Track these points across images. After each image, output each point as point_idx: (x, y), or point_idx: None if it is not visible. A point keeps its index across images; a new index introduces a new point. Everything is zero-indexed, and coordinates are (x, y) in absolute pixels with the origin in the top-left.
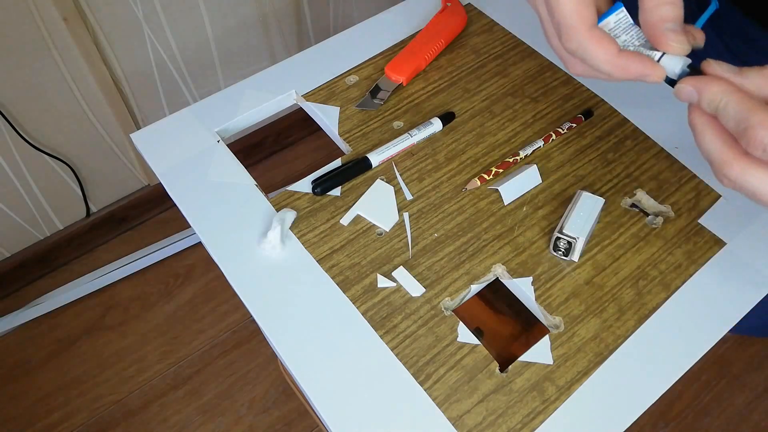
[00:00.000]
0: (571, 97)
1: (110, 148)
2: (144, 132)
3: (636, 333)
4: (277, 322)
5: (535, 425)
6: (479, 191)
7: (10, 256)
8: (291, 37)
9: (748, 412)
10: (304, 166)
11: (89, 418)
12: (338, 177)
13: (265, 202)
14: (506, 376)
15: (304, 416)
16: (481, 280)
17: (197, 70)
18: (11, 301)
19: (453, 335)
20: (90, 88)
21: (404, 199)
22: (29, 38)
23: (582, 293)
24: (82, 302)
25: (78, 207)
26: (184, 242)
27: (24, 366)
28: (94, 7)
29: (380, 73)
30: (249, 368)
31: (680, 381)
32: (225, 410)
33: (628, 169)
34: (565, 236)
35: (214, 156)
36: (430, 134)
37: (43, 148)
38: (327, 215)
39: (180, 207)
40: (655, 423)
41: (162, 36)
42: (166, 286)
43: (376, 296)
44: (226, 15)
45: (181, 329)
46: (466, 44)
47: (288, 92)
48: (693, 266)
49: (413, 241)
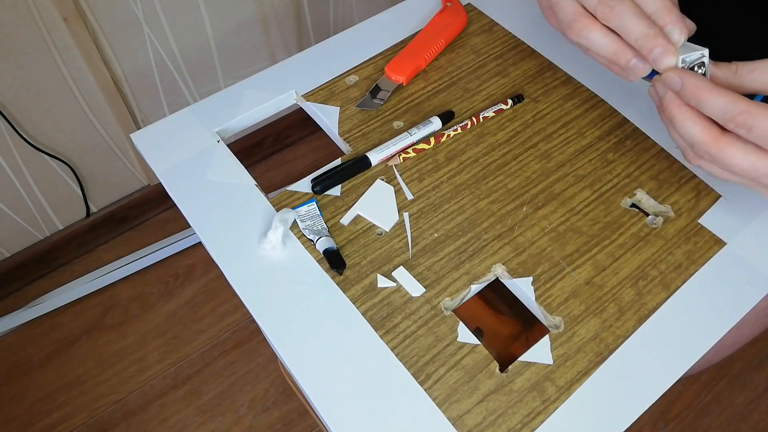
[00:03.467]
0: (571, 97)
1: (110, 148)
2: (144, 132)
3: (636, 333)
4: (277, 322)
5: (535, 425)
6: (479, 191)
7: (10, 256)
8: (291, 37)
9: (748, 412)
10: (304, 166)
11: (89, 418)
12: (337, 176)
13: (265, 202)
14: (506, 376)
15: (304, 416)
16: (481, 280)
17: (197, 70)
18: (11, 301)
19: (453, 335)
20: (90, 88)
21: (404, 199)
22: (29, 38)
23: (582, 293)
24: (82, 302)
25: (78, 207)
26: (184, 242)
27: (24, 366)
28: (94, 7)
29: (380, 73)
30: (249, 368)
31: (680, 381)
32: (225, 410)
33: (628, 169)
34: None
35: (214, 156)
36: (429, 133)
37: (43, 148)
38: (327, 215)
39: (180, 207)
40: (655, 423)
41: (162, 36)
42: (166, 286)
43: (376, 296)
44: (226, 15)
45: (181, 329)
46: (466, 44)
47: (288, 92)
48: (693, 266)
49: (413, 241)
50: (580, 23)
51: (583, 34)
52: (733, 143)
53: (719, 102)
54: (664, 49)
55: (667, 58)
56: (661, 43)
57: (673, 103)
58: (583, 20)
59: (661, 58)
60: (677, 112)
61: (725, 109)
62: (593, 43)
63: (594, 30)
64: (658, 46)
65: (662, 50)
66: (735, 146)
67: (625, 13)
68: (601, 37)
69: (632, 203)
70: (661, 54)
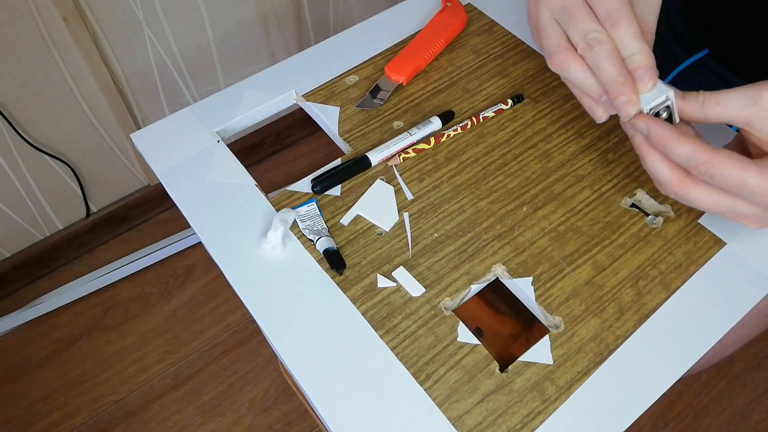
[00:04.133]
0: (571, 97)
1: (110, 148)
2: (144, 132)
3: (636, 333)
4: (277, 322)
5: (535, 425)
6: (479, 191)
7: (10, 256)
8: (291, 37)
9: (748, 412)
10: (304, 166)
11: (89, 418)
12: (337, 176)
13: (265, 202)
14: (506, 376)
15: (304, 416)
16: (481, 280)
17: (197, 70)
18: (11, 301)
19: (453, 335)
20: (90, 88)
21: (404, 199)
22: (29, 38)
23: (582, 293)
24: (82, 302)
25: (78, 207)
26: (184, 242)
27: (24, 366)
28: (94, 7)
29: (380, 73)
30: (249, 368)
31: (680, 381)
32: (225, 410)
33: (628, 169)
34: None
35: (214, 156)
36: (429, 133)
37: (43, 148)
38: (327, 215)
39: (180, 207)
40: (655, 423)
41: (162, 36)
42: (166, 286)
43: (376, 296)
44: (226, 15)
45: (181, 329)
46: (466, 44)
47: (288, 92)
48: (693, 266)
49: (413, 241)
50: (562, 55)
51: (563, 67)
52: (697, 186)
53: (683, 151)
54: (628, 99)
55: (630, 108)
56: (626, 92)
57: (643, 144)
58: (564, 53)
59: (624, 107)
60: (646, 153)
61: (689, 158)
62: (571, 77)
63: (573, 64)
64: (623, 95)
65: (626, 100)
66: (698, 188)
67: (601, 53)
68: (579, 73)
69: (632, 203)
70: (625, 104)
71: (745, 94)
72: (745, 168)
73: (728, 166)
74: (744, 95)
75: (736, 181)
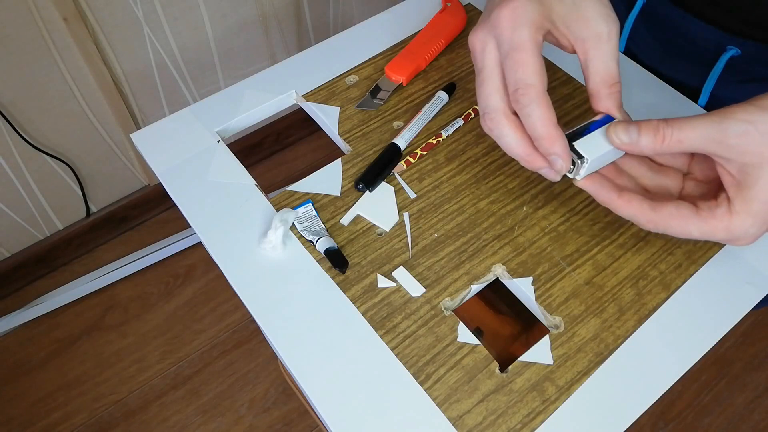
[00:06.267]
0: (571, 97)
1: (110, 148)
2: (144, 132)
3: (636, 333)
4: (277, 322)
5: (535, 425)
6: (479, 191)
7: (10, 256)
8: (291, 37)
9: (748, 412)
10: (304, 166)
11: (89, 418)
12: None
13: (265, 202)
14: (506, 376)
15: (304, 416)
16: (481, 280)
17: (197, 70)
18: (11, 301)
19: (453, 335)
20: (90, 88)
21: (404, 199)
22: (29, 38)
23: (582, 293)
24: (82, 302)
25: (78, 207)
26: (184, 242)
27: (24, 366)
28: (94, 7)
29: (380, 73)
30: (249, 368)
31: (680, 381)
32: (225, 410)
33: None
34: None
35: (214, 156)
36: (441, 106)
37: (43, 148)
38: (327, 215)
39: (180, 207)
40: (655, 423)
41: (162, 36)
42: (166, 286)
43: (376, 296)
44: (226, 15)
45: (181, 329)
46: (466, 44)
47: (288, 92)
48: (693, 266)
49: (413, 241)
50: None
51: (494, 133)
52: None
53: (626, 213)
54: (562, 164)
55: (561, 167)
56: (543, 163)
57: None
58: (497, 116)
59: (548, 173)
60: (609, 202)
61: (635, 219)
62: (502, 141)
63: (505, 129)
64: (556, 156)
65: (560, 163)
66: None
67: (530, 115)
68: (512, 140)
69: None
70: (555, 167)
71: (707, 131)
72: (686, 223)
73: (670, 224)
74: (707, 133)
75: (681, 233)
